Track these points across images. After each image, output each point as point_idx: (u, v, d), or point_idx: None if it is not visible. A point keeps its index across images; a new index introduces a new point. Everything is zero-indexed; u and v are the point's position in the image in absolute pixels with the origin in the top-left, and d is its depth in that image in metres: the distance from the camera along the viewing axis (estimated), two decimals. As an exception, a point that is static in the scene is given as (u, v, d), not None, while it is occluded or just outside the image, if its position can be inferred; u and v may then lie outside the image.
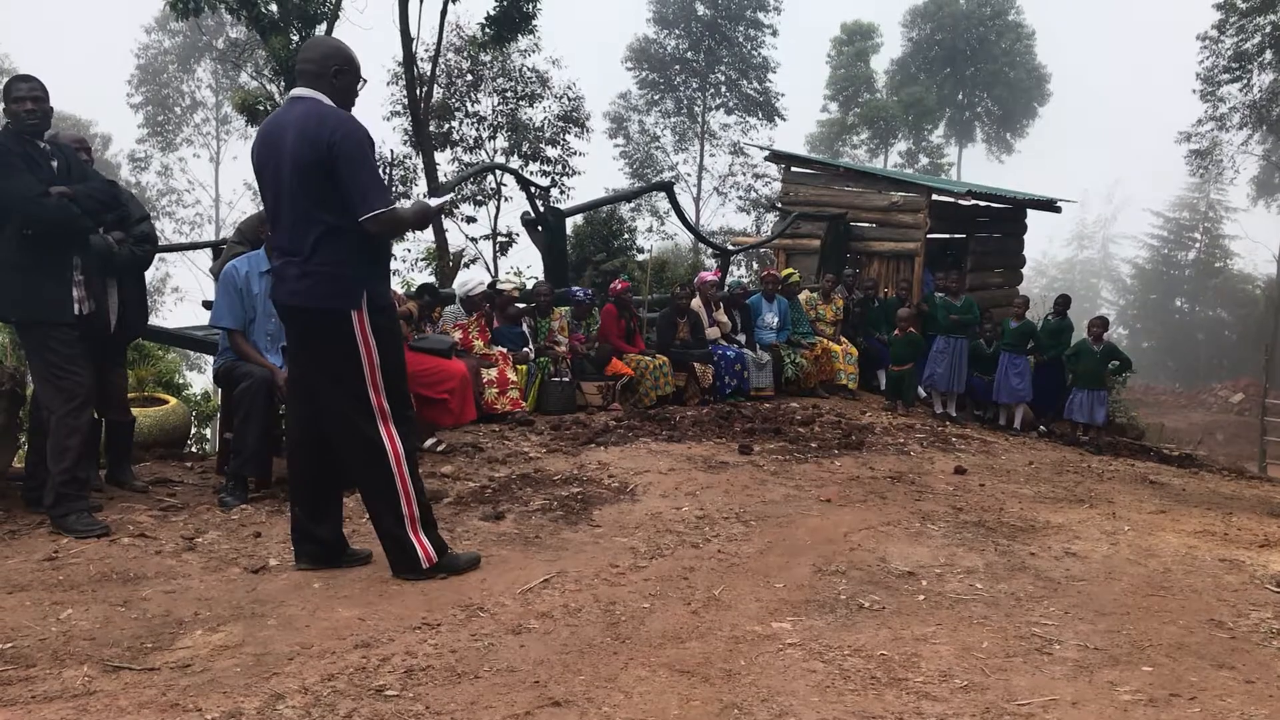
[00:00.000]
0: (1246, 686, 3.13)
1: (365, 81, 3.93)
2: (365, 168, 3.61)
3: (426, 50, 17.71)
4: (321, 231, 3.64)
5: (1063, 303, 10.92)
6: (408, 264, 20.41)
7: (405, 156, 21.09)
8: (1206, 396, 31.51)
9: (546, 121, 22.95)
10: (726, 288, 10.57)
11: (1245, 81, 29.98)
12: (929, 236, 12.45)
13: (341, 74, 3.78)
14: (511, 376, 7.87)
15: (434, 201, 4.08)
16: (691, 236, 17.54)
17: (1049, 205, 14.33)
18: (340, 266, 3.68)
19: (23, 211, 4.32)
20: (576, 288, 9.77)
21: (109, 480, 5.31)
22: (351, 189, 3.59)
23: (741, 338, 10.10)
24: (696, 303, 9.83)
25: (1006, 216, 14.19)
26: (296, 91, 3.78)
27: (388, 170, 20.48)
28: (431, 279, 9.21)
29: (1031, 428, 10.44)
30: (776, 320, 10.34)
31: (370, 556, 4.12)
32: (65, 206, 4.41)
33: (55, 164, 4.56)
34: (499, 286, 8.70)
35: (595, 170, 25.60)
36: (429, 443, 6.60)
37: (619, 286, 9.38)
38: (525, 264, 17.66)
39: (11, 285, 4.40)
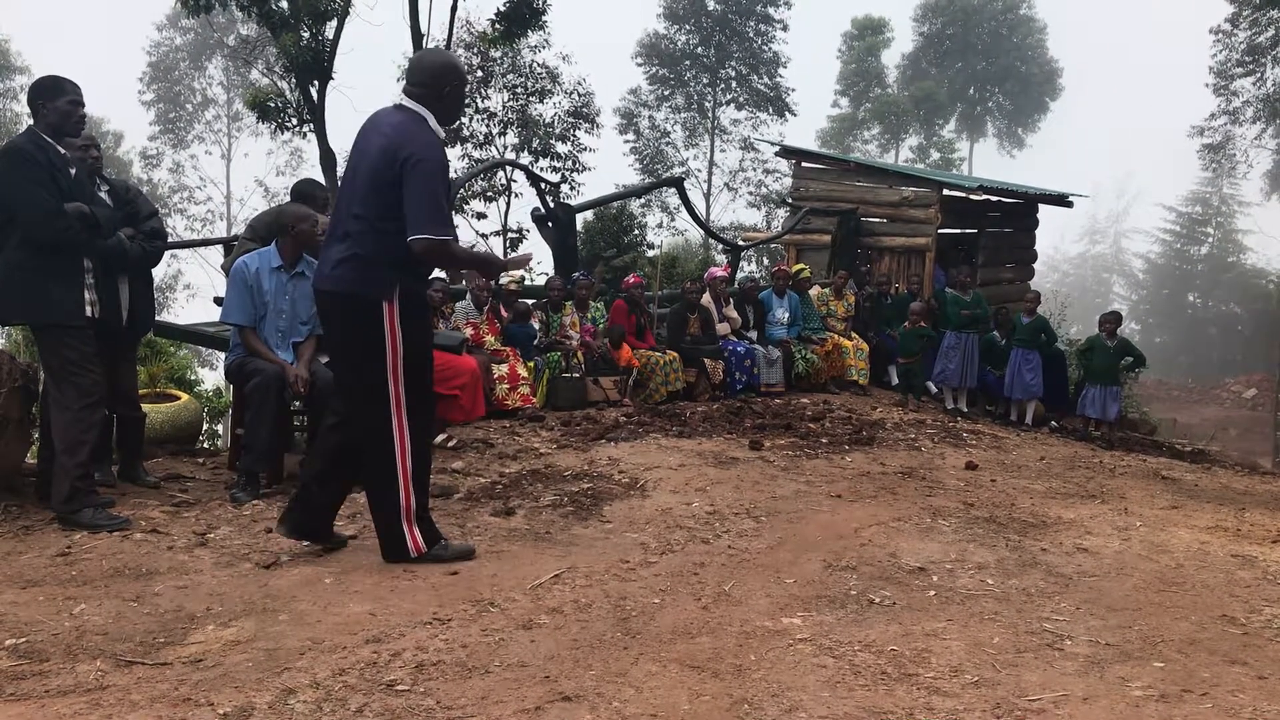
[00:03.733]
0: (1259, 682, 3.12)
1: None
2: (428, 191, 3.71)
3: (437, 46, 17.71)
4: (366, 228, 3.78)
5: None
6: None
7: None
8: (1219, 391, 31.36)
9: (557, 117, 22.95)
10: (736, 283, 10.56)
11: (1258, 75, 29.72)
12: (940, 232, 12.42)
13: (454, 89, 3.95)
14: (522, 372, 7.88)
15: (511, 257, 4.13)
16: (702, 232, 17.52)
17: (1061, 200, 14.27)
18: (377, 259, 3.80)
19: (30, 232, 4.36)
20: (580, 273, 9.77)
21: (121, 476, 5.33)
22: (410, 207, 3.70)
23: (753, 334, 10.09)
24: (707, 298, 9.83)
25: (1018, 211, 14.15)
26: (404, 101, 3.90)
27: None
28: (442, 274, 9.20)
29: (1042, 423, 10.41)
30: (787, 316, 10.33)
31: (346, 542, 4.22)
32: (73, 229, 4.43)
33: (74, 171, 4.58)
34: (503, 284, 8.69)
35: (605, 166, 25.60)
36: (440, 438, 6.62)
37: (631, 281, 9.39)
38: (536, 260, 17.68)
39: (24, 289, 4.42)
